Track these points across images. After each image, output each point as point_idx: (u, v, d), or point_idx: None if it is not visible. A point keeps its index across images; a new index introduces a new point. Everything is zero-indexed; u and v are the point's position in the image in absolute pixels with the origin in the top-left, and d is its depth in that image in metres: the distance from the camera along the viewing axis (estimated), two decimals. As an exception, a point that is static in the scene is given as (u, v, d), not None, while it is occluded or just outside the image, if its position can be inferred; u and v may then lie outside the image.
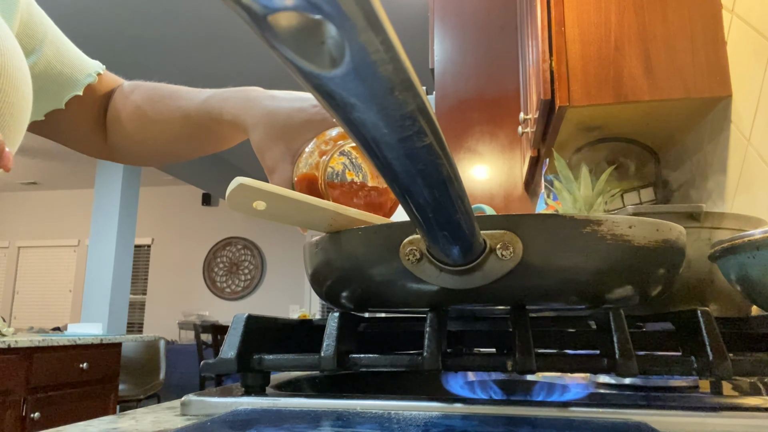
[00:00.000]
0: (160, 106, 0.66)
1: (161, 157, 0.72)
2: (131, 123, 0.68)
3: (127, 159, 0.73)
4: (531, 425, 0.29)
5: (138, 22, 3.66)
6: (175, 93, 0.66)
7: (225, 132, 0.64)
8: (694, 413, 0.30)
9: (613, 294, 0.38)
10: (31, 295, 7.04)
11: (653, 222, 0.37)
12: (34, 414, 2.60)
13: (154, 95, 0.67)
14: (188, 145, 0.68)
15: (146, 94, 0.68)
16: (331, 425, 0.29)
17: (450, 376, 0.48)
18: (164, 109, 0.66)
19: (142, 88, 0.69)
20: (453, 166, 0.23)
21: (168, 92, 0.67)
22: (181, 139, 0.67)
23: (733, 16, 1.05)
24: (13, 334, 2.87)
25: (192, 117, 0.64)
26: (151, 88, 0.68)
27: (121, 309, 4.65)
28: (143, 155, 0.72)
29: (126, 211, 4.76)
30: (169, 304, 6.92)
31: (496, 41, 2.27)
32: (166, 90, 0.67)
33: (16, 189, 7.30)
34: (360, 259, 0.38)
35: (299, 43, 0.14)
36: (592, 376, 0.53)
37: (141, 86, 0.69)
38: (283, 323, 0.47)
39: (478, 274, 0.33)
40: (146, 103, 0.67)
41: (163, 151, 0.70)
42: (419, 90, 0.17)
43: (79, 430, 0.32)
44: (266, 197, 0.35)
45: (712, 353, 0.34)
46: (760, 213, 0.63)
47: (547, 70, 1.14)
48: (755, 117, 0.96)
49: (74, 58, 0.64)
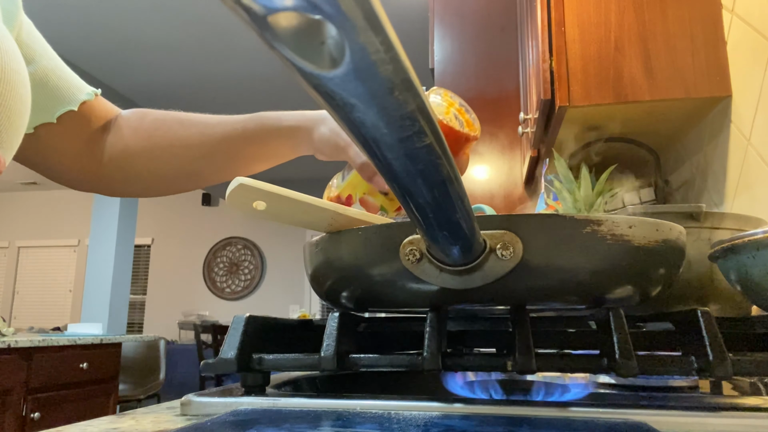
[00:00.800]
0: (183, 133, 0.66)
1: (177, 184, 0.71)
2: (148, 143, 0.67)
3: (127, 190, 0.71)
4: (531, 425, 0.29)
5: (140, 22, 3.66)
6: (195, 119, 0.67)
7: (280, 143, 0.65)
8: (694, 413, 0.30)
9: (613, 294, 0.38)
10: (31, 295, 7.04)
11: (653, 222, 0.37)
12: (34, 414, 2.59)
13: (172, 123, 0.67)
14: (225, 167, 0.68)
15: (161, 122, 0.67)
16: (331, 425, 0.29)
17: (450, 376, 0.48)
18: (191, 134, 0.66)
19: (156, 113, 0.68)
20: (453, 166, 0.23)
21: (187, 119, 0.67)
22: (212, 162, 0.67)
23: (733, 16, 1.05)
24: (13, 334, 2.87)
25: (232, 138, 0.65)
26: (166, 116, 0.68)
27: (121, 309, 4.64)
28: (152, 184, 0.70)
29: (126, 211, 4.76)
30: (169, 304, 6.92)
31: (496, 41, 2.27)
32: (184, 117, 0.67)
33: (16, 189, 7.30)
34: (360, 259, 0.38)
35: (299, 43, 0.14)
36: (592, 376, 0.53)
37: (150, 114, 0.68)
38: (283, 323, 0.47)
39: (478, 274, 0.33)
40: (170, 125, 0.67)
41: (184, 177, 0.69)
42: (419, 90, 0.17)
43: (79, 430, 0.32)
44: (266, 197, 0.35)
45: (712, 353, 0.34)
46: (760, 213, 0.63)
47: (547, 70, 1.14)
48: (755, 117, 0.96)
49: (70, 76, 0.64)
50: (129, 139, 0.67)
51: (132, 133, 0.67)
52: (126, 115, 0.69)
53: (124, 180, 0.69)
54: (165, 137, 0.67)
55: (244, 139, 0.65)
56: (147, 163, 0.68)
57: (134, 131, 0.67)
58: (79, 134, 0.65)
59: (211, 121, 0.67)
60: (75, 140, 0.65)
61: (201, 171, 0.68)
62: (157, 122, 0.68)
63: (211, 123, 0.67)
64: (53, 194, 7.33)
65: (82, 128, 0.65)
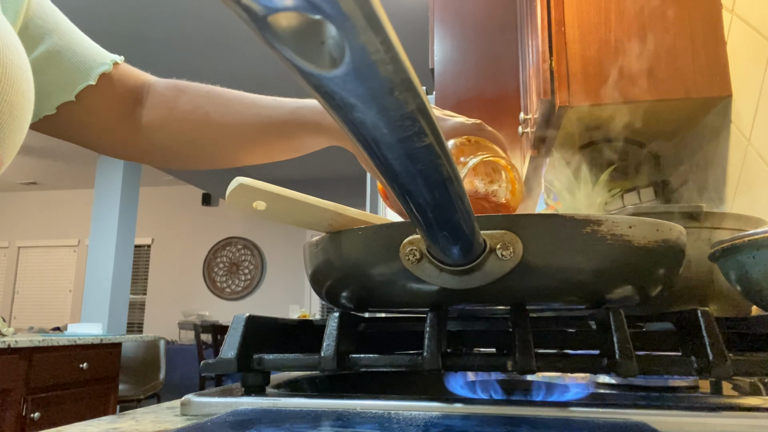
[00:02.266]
0: (227, 110, 0.64)
1: (213, 161, 0.68)
2: (186, 124, 0.64)
3: (168, 160, 0.69)
4: (531, 425, 0.29)
5: (142, 20, 3.66)
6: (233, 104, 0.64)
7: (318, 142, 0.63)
8: (694, 413, 0.30)
9: (613, 294, 0.38)
10: (31, 295, 7.04)
11: (653, 222, 0.37)
12: (34, 414, 2.60)
13: (217, 99, 0.65)
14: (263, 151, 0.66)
15: (207, 96, 0.65)
16: (331, 425, 0.29)
17: (450, 376, 0.48)
18: (235, 113, 0.63)
19: (194, 89, 0.65)
20: (453, 166, 0.23)
21: (234, 97, 0.64)
22: (255, 145, 0.65)
23: (733, 16, 1.05)
24: (13, 334, 2.87)
25: (277, 125, 0.62)
26: (212, 92, 0.65)
27: (121, 309, 4.65)
28: (191, 157, 0.68)
29: (126, 211, 4.76)
30: (169, 304, 6.92)
31: (496, 41, 2.27)
32: (231, 95, 0.65)
33: (16, 189, 7.30)
34: (360, 259, 0.38)
35: (299, 43, 0.14)
36: (592, 376, 0.53)
37: (185, 93, 0.66)
38: (283, 323, 0.47)
39: (478, 274, 0.33)
40: (210, 105, 0.64)
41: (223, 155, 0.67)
42: (419, 90, 0.17)
43: (79, 430, 0.32)
44: (266, 197, 0.35)
45: (712, 353, 0.34)
46: (760, 213, 0.63)
47: (547, 70, 1.14)
48: (755, 117, 0.96)
49: (88, 48, 0.61)
50: (166, 119, 0.65)
51: (168, 113, 0.65)
52: (161, 90, 0.66)
53: (164, 156, 0.67)
54: (201, 122, 0.64)
55: (278, 135, 0.63)
56: (186, 145, 0.66)
57: (170, 111, 0.65)
58: (106, 107, 0.62)
59: (249, 110, 0.64)
60: (104, 113, 0.63)
61: (240, 158, 0.67)
62: (193, 104, 0.65)
63: (248, 113, 0.64)
64: (53, 194, 7.33)
65: (109, 100, 0.62)
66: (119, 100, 0.63)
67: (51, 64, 0.57)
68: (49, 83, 0.57)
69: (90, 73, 0.60)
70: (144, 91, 0.66)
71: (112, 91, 0.62)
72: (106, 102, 0.62)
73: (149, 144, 0.66)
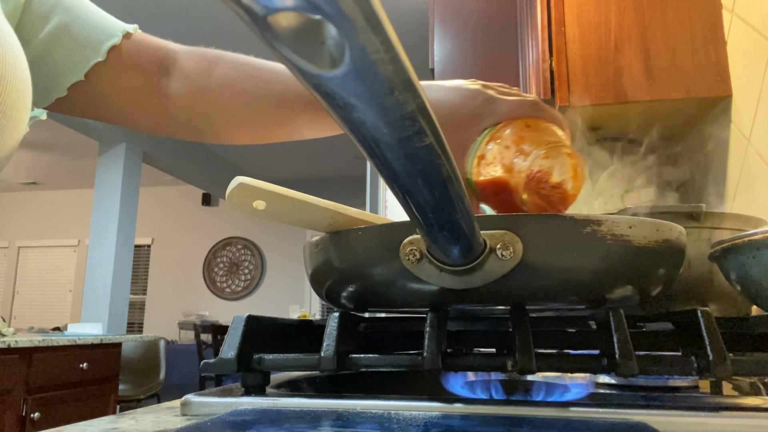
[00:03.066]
0: (267, 87, 0.60)
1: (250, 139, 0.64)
2: (222, 100, 0.60)
3: (198, 134, 0.64)
4: (531, 425, 0.29)
5: (142, 20, 3.65)
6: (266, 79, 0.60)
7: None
8: (694, 413, 0.30)
9: (613, 294, 0.38)
10: (31, 295, 7.04)
11: (653, 222, 0.37)
12: (34, 414, 2.59)
13: (255, 72, 0.61)
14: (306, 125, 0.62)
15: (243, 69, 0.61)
16: (331, 425, 0.29)
17: (450, 376, 0.48)
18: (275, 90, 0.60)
19: (229, 61, 0.61)
20: (453, 166, 0.22)
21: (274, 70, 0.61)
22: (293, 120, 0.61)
23: (733, 16, 1.05)
24: (13, 334, 2.87)
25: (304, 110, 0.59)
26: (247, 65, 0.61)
27: (121, 309, 4.64)
28: (223, 130, 0.64)
29: (126, 211, 4.76)
30: (169, 304, 6.92)
31: (496, 41, 2.27)
32: (273, 69, 0.61)
33: (16, 189, 7.30)
34: (360, 259, 0.38)
35: (299, 43, 0.14)
36: (592, 376, 0.53)
37: (217, 67, 0.61)
38: (283, 323, 0.47)
39: (478, 274, 0.33)
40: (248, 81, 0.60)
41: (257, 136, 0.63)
42: (419, 90, 0.17)
43: (79, 430, 0.32)
44: (266, 197, 0.35)
45: (712, 353, 0.34)
46: (760, 213, 0.63)
47: (547, 70, 1.14)
48: (755, 117, 0.96)
49: (97, 20, 0.56)
50: (199, 91, 0.61)
51: (199, 90, 0.61)
52: (190, 62, 0.62)
53: (195, 129, 0.63)
54: (236, 100, 0.61)
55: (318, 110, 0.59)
56: (219, 120, 0.62)
57: (204, 83, 0.61)
58: (125, 81, 0.58)
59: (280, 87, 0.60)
60: (124, 88, 0.58)
61: (275, 134, 0.64)
62: (230, 78, 0.61)
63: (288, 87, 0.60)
64: (53, 194, 7.33)
65: (126, 74, 0.58)
66: (140, 72, 0.59)
67: (58, 43, 0.53)
68: (57, 64, 0.54)
69: (99, 48, 0.55)
70: (169, 61, 0.61)
71: (131, 64, 0.58)
72: (124, 76, 0.58)
73: (176, 117, 0.62)
